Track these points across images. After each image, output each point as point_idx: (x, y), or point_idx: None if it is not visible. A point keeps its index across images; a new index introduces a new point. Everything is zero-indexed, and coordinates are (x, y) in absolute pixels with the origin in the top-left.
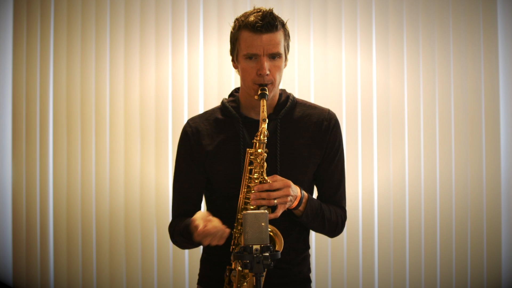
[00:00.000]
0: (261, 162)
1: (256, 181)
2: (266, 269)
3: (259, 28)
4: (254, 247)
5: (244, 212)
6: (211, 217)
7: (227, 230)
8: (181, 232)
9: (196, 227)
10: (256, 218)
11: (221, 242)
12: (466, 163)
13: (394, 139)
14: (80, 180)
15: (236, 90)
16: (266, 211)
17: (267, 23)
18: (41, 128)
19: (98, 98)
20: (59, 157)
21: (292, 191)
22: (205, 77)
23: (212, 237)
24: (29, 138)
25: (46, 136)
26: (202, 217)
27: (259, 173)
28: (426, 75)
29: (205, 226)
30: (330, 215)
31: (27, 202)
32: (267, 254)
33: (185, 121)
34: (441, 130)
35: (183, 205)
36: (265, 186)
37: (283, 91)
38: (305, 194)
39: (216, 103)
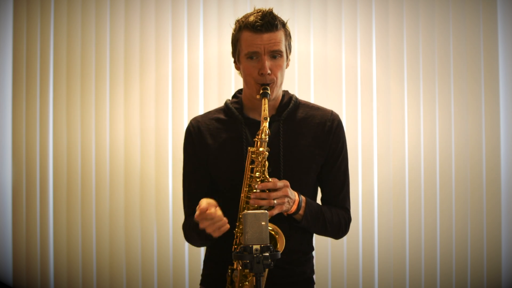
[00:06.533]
0: (263, 161)
1: (258, 180)
2: (266, 269)
3: (259, 28)
4: (254, 247)
5: (244, 212)
6: (218, 207)
7: (227, 226)
8: (193, 226)
9: (200, 206)
10: (256, 218)
11: (216, 234)
12: (466, 162)
13: (394, 139)
14: (80, 180)
15: (239, 91)
16: (266, 211)
17: (267, 22)
18: (41, 128)
19: (98, 98)
20: (59, 156)
21: (290, 192)
22: (205, 77)
23: (210, 223)
24: (29, 138)
25: (46, 136)
26: (209, 201)
27: (260, 172)
28: (426, 74)
29: (208, 208)
30: (332, 217)
31: (27, 202)
32: (267, 254)
33: (185, 121)
34: (441, 130)
35: (193, 205)
36: (269, 185)
37: (286, 92)
38: (303, 198)
39: (216, 103)
